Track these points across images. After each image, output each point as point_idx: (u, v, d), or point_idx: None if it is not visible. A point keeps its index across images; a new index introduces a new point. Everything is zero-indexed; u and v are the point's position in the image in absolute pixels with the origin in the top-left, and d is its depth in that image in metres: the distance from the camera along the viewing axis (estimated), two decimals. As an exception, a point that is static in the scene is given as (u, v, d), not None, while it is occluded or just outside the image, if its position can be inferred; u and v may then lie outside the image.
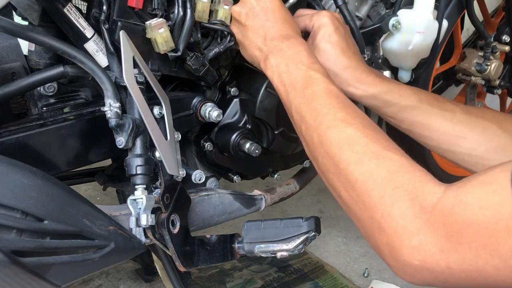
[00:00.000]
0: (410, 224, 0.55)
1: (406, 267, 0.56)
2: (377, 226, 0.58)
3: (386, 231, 0.57)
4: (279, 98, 0.77)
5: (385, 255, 0.59)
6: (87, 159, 0.80)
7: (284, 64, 0.75)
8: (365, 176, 0.60)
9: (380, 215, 0.57)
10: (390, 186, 0.58)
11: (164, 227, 0.73)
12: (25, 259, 0.60)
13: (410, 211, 0.55)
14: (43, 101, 0.82)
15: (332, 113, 0.67)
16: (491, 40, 1.37)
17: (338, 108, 0.68)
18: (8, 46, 0.80)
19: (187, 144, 0.99)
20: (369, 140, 0.63)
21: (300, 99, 0.72)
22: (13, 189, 0.60)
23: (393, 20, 1.01)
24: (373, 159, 0.61)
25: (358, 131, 0.64)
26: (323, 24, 0.87)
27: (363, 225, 0.61)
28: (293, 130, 0.98)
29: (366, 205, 0.59)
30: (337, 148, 0.64)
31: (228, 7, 0.86)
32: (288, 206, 1.75)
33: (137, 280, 1.36)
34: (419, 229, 0.54)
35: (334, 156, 0.64)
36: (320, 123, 0.67)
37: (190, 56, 0.84)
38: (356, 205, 0.61)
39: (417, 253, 0.54)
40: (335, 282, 1.36)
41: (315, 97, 0.70)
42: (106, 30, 0.77)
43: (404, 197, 0.56)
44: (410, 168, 0.59)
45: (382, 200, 0.58)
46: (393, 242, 0.56)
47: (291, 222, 0.80)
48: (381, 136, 0.64)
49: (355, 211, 0.62)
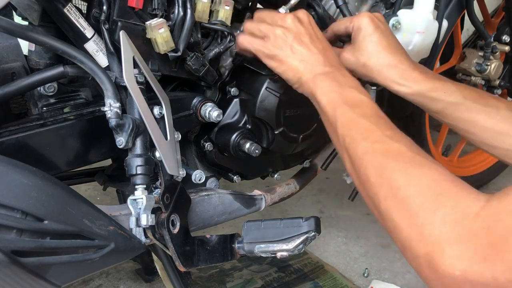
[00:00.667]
0: (451, 231, 0.53)
1: (446, 279, 0.52)
2: (416, 235, 0.56)
3: (425, 239, 0.55)
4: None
5: (422, 268, 0.55)
6: (87, 159, 0.80)
7: (338, 86, 0.77)
8: (408, 184, 0.60)
9: (421, 223, 0.56)
10: (433, 193, 0.57)
11: (164, 227, 0.73)
12: (25, 259, 0.60)
13: (451, 217, 0.53)
14: (43, 101, 0.83)
15: (380, 130, 0.69)
16: (491, 40, 1.37)
17: (386, 128, 0.69)
18: (8, 46, 0.80)
19: (187, 144, 0.99)
20: (415, 154, 0.63)
21: (349, 116, 0.73)
22: (13, 189, 0.60)
23: (393, 20, 1.01)
24: (417, 167, 0.61)
25: (405, 146, 0.65)
26: (363, 24, 0.88)
27: (400, 237, 0.59)
28: (293, 130, 0.99)
29: (406, 213, 0.58)
30: (383, 159, 0.64)
31: (229, 7, 0.86)
32: (288, 206, 1.75)
33: (137, 280, 1.36)
34: (461, 237, 0.52)
35: (378, 166, 0.64)
36: (367, 137, 0.68)
37: (190, 56, 0.84)
38: (396, 213, 0.59)
39: (458, 263, 0.51)
40: (335, 282, 1.36)
41: (365, 115, 0.72)
42: (106, 30, 0.77)
43: (447, 203, 0.55)
44: (453, 179, 0.58)
45: (423, 206, 0.56)
46: (432, 251, 0.53)
47: (291, 222, 0.80)
48: (425, 153, 0.65)
49: (394, 221, 0.60)
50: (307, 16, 0.85)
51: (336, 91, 0.76)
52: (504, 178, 1.89)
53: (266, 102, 0.94)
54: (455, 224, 0.53)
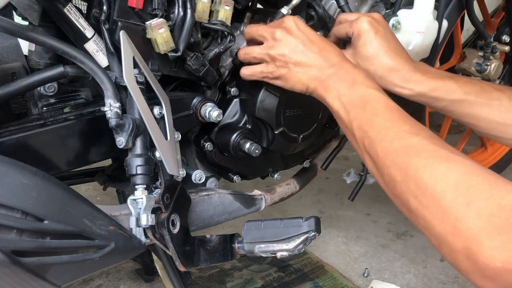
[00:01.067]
0: (489, 224, 0.53)
1: (487, 271, 0.52)
2: (451, 230, 0.55)
3: (462, 233, 0.54)
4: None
5: (460, 261, 0.55)
6: (87, 159, 0.80)
7: (344, 87, 0.77)
8: (436, 180, 0.59)
9: (455, 218, 0.55)
10: (463, 187, 0.56)
11: (164, 227, 0.73)
12: (25, 259, 0.60)
13: (487, 210, 0.53)
14: (43, 101, 0.83)
15: (396, 126, 0.68)
16: (491, 40, 1.37)
17: (402, 121, 0.69)
18: (8, 46, 0.80)
19: (187, 144, 0.99)
20: (437, 147, 0.63)
21: (361, 116, 0.73)
22: (13, 189, 0.60)
23: (393, 20, 1.01)
24: (443, 162, 0.60)
25: (424, 140, 0.64)
26: (363, 30, 0.88)
27: (434, 233, 0.59)
28: (293, 130, 0.99)
29: (438, 209, 0.57)
30: (404, 156, 0.64)
31: (229, 7, 0.86)
32: (288, 206, 1.75)
33: (137, 280, 1.36)
34: (499, 229, 0.52)
35: (401, 164, 0.64)
36: (385, 136, 0.68)
37: (190, 56, 0.84)
38: (427, 210, 0.59)
39: (499, 254, 0.51)
40: (335, 282, 1.36)
41: (377, 112, 0.71)
42: (106, 30, 0.77)
43: (480, 196, 0.55)
44: (482, 170, 0.58)
45: (455, 201, 0.56)
46: (470, 244, 0.53)
47: (291, 222, 0.80)
48: (447, 145, 0.64)
49: (425, 218, 0.59)
50: (294, 22, 0.84)
51: (344, 94, 0.76)
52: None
53: (266, 102, 0.94)
54: (492, 216, 0.53)
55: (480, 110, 0.87)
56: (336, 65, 0.80)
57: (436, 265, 1.47)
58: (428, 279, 1.41)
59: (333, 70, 0.80)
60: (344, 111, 0.76)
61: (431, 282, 1.40)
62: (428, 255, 1.52)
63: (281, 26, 0.85)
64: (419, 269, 1.46)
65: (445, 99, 0.88)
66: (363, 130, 0.72)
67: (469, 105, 0.88)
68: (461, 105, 0.88)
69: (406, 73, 0.87)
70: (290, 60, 0.82)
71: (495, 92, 0.88)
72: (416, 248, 1.56)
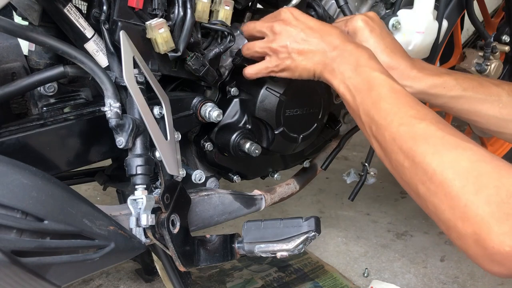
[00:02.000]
0: (498, 210, 0.54)
1: (496, 255, 0.54)
2: (460, 216, 0.56)
3: (471, 219, 0.55)
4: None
5: (469, 246, 0.57)
6: (87, 159, 0.80)
7: (349, 69, 0.77)
8: (444, 167, 0.59)
9: (464, 204, 0.56)
10: (472, 175, 0.57)
11: (164, 227, 0.73)
12: (25, 259, 0.60)
13: (496, 197, 0.54)
14: (43, 101, 0.83)
15: (402, 111, 0.68)
16: (491, 40, 1.37)
17: (408, 106, 0.69)
18: (8, 46, 0.80)
19: (187, 144, 0.99)
20: (445, 133, 0.63)
21: (367, 101, 0.72)
22: (13, 189, 0.60)
23: (393, 20, 1.01)
24: (452, 149, 0.61)
25: (432, 125, 0.64)
26: (358, 28, 0.88)
27: (443, 218, 0.60)
28: (293, 130, 0.99)
29: (447, 196, 0.58)
30: (412, 143, 0.64)
31: (229, 7, 0.86)
32: (288, 206, 1.75)
33: (137, 280, 1.36)
34: (509, 214, 0.53)
35: (409, 150, 0.64)
36: (392, 121, 0.68)
37: (190, 56, 0.84)
38: (436, 197, 0.60)
39: (509, 239, 0.53)
40: (335, 282, 1.36)
41: (382, 97, 0.71)
42: (106, 30, 0.77)
43: (489, 184, 0.55)
44: (491, 158, 0.59)
45: (464, 189, 0.57)
46: (480, 230, 0.55)
47: (291, 222, 0.80)
48: (455, 130, 0.64)
49: (434, 203, 0.60)
50: (290, 12, 0.84)
51: (349, 77, 0.76)
52: None
53: (266, 102, 0.94)
54: (501, 203, 0.54)
55: (479, 106, 0.87)
56: (338, 47, 0.79)
57: (436, 265, 1.47)
58: (428, 279, 1.41)
59: (336, 52, 0.79)
60: (350, 96, 0.75)
61: (431, 282, 1.40)
62: (428, 255, 1.52)
63: (278, 18, 0.84)
64: (419, 269, 1.46)
65: (444, 96, 0.88)
66: (369, 115, 0.72)
67: (467, 101, 0.87)
68: (459, 102, 0.88)
69: (404, 70, 0.87)
70: (293, 50, 0.82)
71: (494, 87, 0.88)
72: (416, 248, 1.56)
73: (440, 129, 0.64)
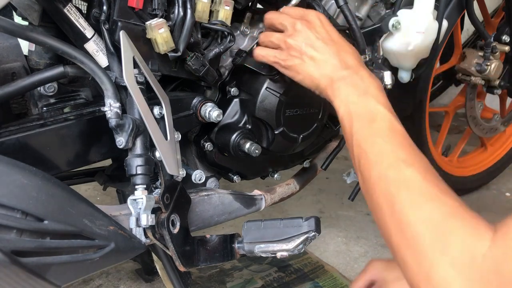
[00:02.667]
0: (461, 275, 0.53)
1: None
2: (425, 276, 0.56)
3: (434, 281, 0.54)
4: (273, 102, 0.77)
5: None
6: (87, 159, 0.80)
7: (355, 94, 0.75)
8: (417, 220, 0.59)
9: (429, 264, 0.55)
10: (442, 231, 0.56)
11: (164, 227, 0.73)
12: (25, 259, 0.60)
13: (460, 261, 0.53)
14: (43, 101, 0.83)
15: (394, 152, 0.67)
16: (491, 40, 1.37)
17: (401, 147, 0.68)
18: (8, 46, 0.80)
19: (187, 144, 0.99)
20: (428, 183, 0.62)
21: (364, 132, 0.72)
22: (13, 189, 0.60)
23: (393, 20, 1.01)
24: (428, 202, 0.60)
25: (418, 174, 0.63)
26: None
27: (410, 274, 0.59)
28: (293, 130, 0.99)
29: (415, 251, 0.57)
30: (395, 189, 0.63)
31: (229, 7, 0.86)
32: (288, 206, 1.75)
33: (137, 280, 1.36)
34: (471, 280, 0.52)
35: (390, 195, 0.63)
36: (382, 161, 0.67)
37: (190, 56, 0.84)
38: (406, 250, 0.59)
39: None
40: (335, 282, 1.36)
41: (380, 132, 0.70)
42: (106, 30, 0.77)
43: (455, 243, 0.55)
44: (464, 214, 0.58)
45: (432, 247, 0.56)
46: None
47: (291, 222, 0.80)
48: (438, 179, 0.63)
49: (403, 256, 0.59)
50: (318, 17, 0.84)
51: (353, 102, 0.75)
52: (504, 178, 1.89)
53: (266, 102, 0.94)
54: (464, 267, 0.53)
55: None
56: (351, 68, 0.79)
57: (436, 265, 1.47)
58: (428, 279, 1.41)
59: (347, 72, 0.78)
60: (348, 120, 0.74)
61: (431, 282, 1.40)
62: (428, 255, 1.52)
63: (304, 18, 0.84)
64: (419, 269, 1.45)
65: None
66: (362, 147, 0.71)
67: None
68: None
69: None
70: (305, 53, 0.81)
71: None
72: (416, 248, 1.56)
73: (424, 179, 0.63)
